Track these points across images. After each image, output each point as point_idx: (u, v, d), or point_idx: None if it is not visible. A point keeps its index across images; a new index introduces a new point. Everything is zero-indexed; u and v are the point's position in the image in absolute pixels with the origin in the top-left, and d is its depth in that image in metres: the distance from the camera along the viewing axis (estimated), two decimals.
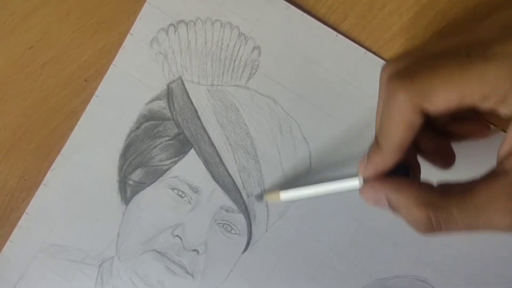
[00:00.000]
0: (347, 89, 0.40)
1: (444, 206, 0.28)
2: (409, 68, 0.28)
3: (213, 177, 0.41)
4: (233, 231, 0.41)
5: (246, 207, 0.40)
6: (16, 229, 0.42)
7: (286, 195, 0.38)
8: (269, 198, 0.39)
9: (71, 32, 0.42)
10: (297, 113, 0.40)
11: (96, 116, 0.42)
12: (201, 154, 0.41)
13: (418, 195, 0.29)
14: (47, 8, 0.42)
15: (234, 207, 0.41)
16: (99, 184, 0.42)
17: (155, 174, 0.41)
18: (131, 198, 0.42)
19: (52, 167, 0.42)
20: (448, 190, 0.29)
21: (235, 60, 0.41)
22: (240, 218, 0.41)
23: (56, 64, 0.42)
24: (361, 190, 0.32)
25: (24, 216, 0.42)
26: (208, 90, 0.41)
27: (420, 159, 0.34)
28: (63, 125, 0.42)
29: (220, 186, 0.41)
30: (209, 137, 0.41)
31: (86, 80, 0.42)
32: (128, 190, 0.42)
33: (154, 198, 0.41)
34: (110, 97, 0.42)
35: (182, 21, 0.41)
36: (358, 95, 0.40)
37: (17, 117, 0.43)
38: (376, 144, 0.31)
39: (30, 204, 0.42)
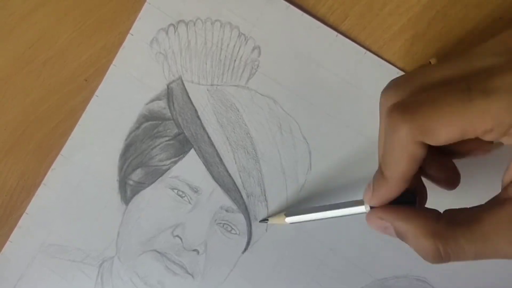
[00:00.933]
0: (347, 89, 0.40)
1: (451, 237, 0.28)
2: (409, 101, 0.28)
3: (213, 177, 0.41)
4: (233, 231, 0.41)
5: (246, 207, 0.40)
6: (16, 229, 0.42)
7: (291, 219, 0.38)
8: (275, 222, 0.39)
9: (70, 31, 0.42)
10: (297, 113, 0.40)
11: (96, 116, 0.42)
12: (201, 154, 0.41)
13: (426, 225, 0.29)
14: (47, 7, 0.42)
15: (234, 207, 0.41)
16: (99, 184, 0.42)
17: (155, 174, 0.41)
18: (131, 198, 0.42)
19: (52, 167, 0.42)
20: (455, 219, 0.29)
21: (235, 60, 0.41)
22: (240, 218, 0.41)
23: (55, 64, 0.42)
24: (367, 218, 0.32)
25: (24, 216, 0.42)
26: (208, 90, 0.41)
27: (426, 181, 0.34)
28: (63, 125, 0.42)
29: (220, 186, 0.41)
30: (209, 137, 0.41)
31: (86, 80, 0.42)
32: (128, 190, 0.42)
33: (154, 198, 0.41)
34: (110, 97, 0.42)
35: (182, 21, 0.41)
36: (358, 95, 0.40)
37: (17, 117, 0.43)
38: (381, 173, 0.31)
39: (30, 204, 0.42)
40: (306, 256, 0.40)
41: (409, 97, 0.29)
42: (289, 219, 0.38)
